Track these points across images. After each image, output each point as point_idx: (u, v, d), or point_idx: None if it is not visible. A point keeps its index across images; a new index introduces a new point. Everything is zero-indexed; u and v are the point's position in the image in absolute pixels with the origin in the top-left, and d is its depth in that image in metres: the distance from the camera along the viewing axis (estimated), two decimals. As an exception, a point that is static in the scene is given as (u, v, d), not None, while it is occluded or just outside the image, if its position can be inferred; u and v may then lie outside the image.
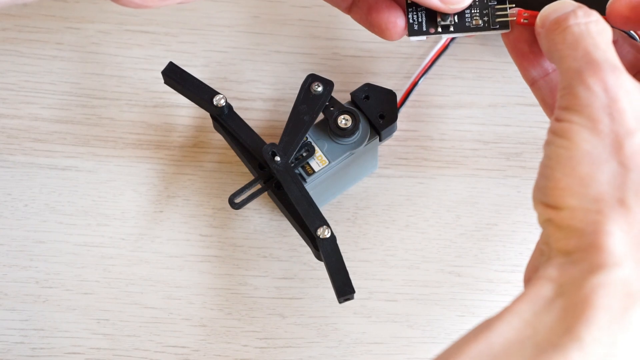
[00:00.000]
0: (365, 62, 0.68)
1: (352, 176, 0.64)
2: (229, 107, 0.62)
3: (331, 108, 0.61)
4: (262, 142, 0.61)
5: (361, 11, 0.56)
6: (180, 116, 0.67)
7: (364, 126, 0.61)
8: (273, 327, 0.63)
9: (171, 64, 0.62)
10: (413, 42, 0.67)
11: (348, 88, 0.64)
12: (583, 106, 0.45)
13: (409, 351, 0.63)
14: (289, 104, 0.61)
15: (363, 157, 0.63)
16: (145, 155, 0.66)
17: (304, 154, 0.60)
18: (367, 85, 0.61)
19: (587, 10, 0.48)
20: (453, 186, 0.65)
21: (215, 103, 0.61)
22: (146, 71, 0.68)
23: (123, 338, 0.63)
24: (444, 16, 0.54)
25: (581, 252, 0.43)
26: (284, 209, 0.61)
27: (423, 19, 0.55)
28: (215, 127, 0.63)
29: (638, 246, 0.43)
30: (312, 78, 0.61)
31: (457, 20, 0.54)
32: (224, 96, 0.61)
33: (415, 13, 0.55)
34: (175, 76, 0.62)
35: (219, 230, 0.65)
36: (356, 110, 0.61)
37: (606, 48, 0.47)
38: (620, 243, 0.43)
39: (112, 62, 0.68)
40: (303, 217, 0.59)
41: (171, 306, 0.63)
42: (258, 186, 0.61)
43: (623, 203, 0.44)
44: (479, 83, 0.67)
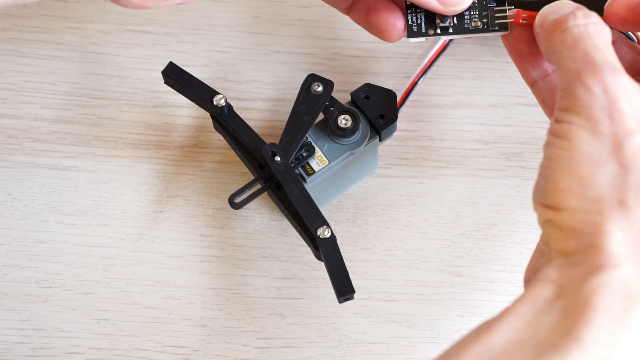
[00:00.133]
0: (365, 62, 0.68)
1: (352, 176, 0.64)
2: (229, 107, 0.62)
3: (331, 108, 0.61)
4: (262, 142, 0.61)
5: (360, 12, 0.56)
6: (180, 116, 0.67)
7: (364, 126, 0.61)
8: (273, 327, 0.63)
9: (171, 64, 0.62)
10: (412, 43, 0.67)
11: (348, 88, 0.64)
12: (582, 107, 0.45)
13: (409, 351, 0.63)
14: (289, 104, 0.61)
15: (363, 157, 0.63)
16: (145, 155, 0.66)
17: (304, 154, 0.60)
18: (367, 85, 0.61)
19: (587, 11, 0.48)
20: (453, 186, 0.65)
21: (215, 103, 0.61)
22: (146, 71, 0.68)
23: (123, 338, 0.63)
24: (443, 18, 0.54)
25: (581, 253, 0.43)
26: (284, 209, 0.61)
27: (422, 21, 0.54)
28: (215, 127, 0.63)
29: (638, 247, 0.43)
30: (312, 78, 0.61)
31: (456, 21, 0.54)
32: (224, 96, 0.61)
33: (414, 14, 0.55)
34: (175, 76, 0.62)
35: (219, 230, 0.65)
36: (356, 110, 0.61)
37: (605, 49, 0.47)
38: (620, 244, 0.43)
39: (112, 62, 0.68)
40: (303, 217, 0.59)
41: (171, 306, 0.63)
42: (258, 186, 0.61)
43: (623, 204, 0.44)
44: (479, 83, 0.67)
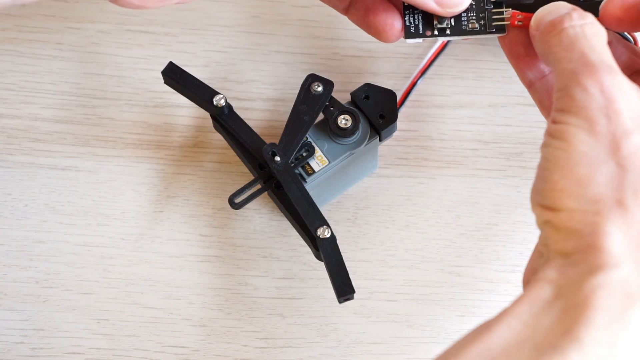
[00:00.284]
0: (365, 62, 0.68)
1: (352, 176, 0.64)
2: (229, 107, 0.62)
3: (331, 108, 0.61)
4: (262, 142, 0.61)
5: (358, 12, 0.56)
6: (180, 116, 0.67)
7: (364, 126, 0.61)
8: (273, 327, 0.63)
9: (171, 64, 0.62)
10: (410, 44, 0.67)
11: (348, 88, 0.64)
12: (579, 108, 0.45)
13: (409, 351, 0.63)
14: (289, 104, 0.61)
15: (363, 157, 0.63)
16: (145, 155, 0.66)
17: (304, 154, 0.60)
18: (367, 85, 0.61)
19: (582, 12, 0.48)
20: (453, 186, 0.65)
21: (215, 103, 0.61)
22: (146, 71, 0.68)
23: (123, 338, 0.63)
24: (441, 19, 0.54)
25: (580, 254, 0.43)
26: (284, 209, 0.61)
27: (420, 22, 0.54)
28: (215, 127, 0.63)
29: (637, 247, 0.43)
30: (312, 78, 0.61)
31: (454, 23, 0.54)
32: (224, 96, 0.61)
33: (412, 15, 0.54)
34: (175, 76, 0.62)
35: (219, 230, 0.65)
36: (356, 110, 0.61)
37: (602, 50, 0.47)
38: (618, 244, 0.43)
39: (112, 62, 0.68)
40: (303, 217, 0.59)
41: (171, 306, 0.63)
42: (258, 186, 0.61)
43: (621, 204, 0.44)
44: (479, 83, 0.67)
